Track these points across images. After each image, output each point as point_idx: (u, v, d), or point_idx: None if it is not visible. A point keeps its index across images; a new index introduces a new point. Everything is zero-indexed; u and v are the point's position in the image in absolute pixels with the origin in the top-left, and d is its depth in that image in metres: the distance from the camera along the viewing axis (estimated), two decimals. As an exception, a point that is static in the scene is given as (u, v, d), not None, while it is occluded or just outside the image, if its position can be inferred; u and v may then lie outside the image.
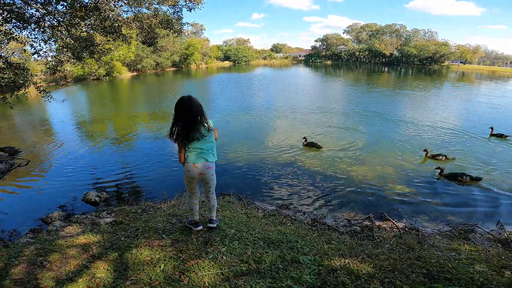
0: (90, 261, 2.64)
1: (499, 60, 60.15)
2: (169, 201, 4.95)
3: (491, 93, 20.85)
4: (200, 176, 2.87)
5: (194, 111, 2.64)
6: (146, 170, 7.17)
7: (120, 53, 33.55)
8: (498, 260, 2.87)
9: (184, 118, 2.63)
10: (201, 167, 2.80)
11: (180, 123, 2.65)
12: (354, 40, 70.06)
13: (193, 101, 2.65)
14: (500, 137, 9.40)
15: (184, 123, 2.65)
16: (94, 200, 5.45)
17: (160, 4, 6.48)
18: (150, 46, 8.21)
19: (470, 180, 6.13)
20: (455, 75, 39.76)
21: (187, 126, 2.65)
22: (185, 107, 2.62)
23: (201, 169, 2.81)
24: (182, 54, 50.22)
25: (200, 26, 63.18)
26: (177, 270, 2.47)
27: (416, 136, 9.67)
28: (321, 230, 4.01)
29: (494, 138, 9.42)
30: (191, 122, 2.65)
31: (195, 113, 2.65)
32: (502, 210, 5.13)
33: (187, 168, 2.81)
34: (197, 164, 2.78)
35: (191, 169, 2.80)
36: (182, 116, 2.63)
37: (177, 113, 2.65)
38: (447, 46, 57.49)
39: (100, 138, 10.26)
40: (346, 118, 12.42)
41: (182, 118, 2.64)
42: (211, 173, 2.90)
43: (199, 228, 3.17)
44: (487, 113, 13.61)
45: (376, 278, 2.37)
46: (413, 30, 63.29)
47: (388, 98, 18.58)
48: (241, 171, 6.93)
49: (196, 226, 3.18)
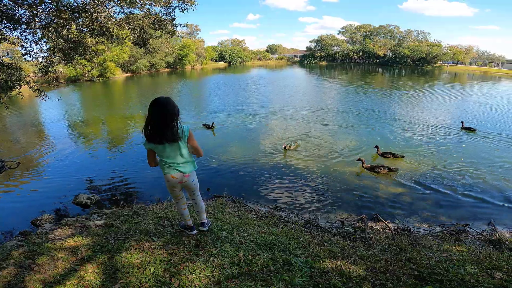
0: (78, 264, 2.61)
1: (491, 61, 61.02)
2: (161, 204, 4.92)
3: (483, 93, 21.15)
4: (180, 184, 2.79)
5: (169, 111, 2.46)
6: (139, 172, 7.11)
7: (114, 54, 33.27)
8: (489, 261, 2.89)
9: (156, 117, 2.46)
10: (179, 177, 2.71)
11: (152, 123, 2.49)
12: (348, 41, 70.47)
13: (169, 102, 2.49)
14: (469, 130, 10.36)
15: (156, 123, 2.47)
16: (85, 203, 5.40)
17: (152, 5, 6.43)
18: (142, 47, 8.12)
19: (388, 170, 6.75)
20: (447, 75, 40.23)
21: (159, 127, 2.48)
22: (159, 106, 2.46)
23: (180, 178, 2.72)
24: (177, 55, 49.98)
25: (195, 27, 63.02)
26: (167, 273, 2.45)
27: (410, 136, 9.76)
28: (314, 232, 4.01)
29: (464, 131, 10.33)
30: (164, 122, 2.47)
31: (169, 114, 2.47)
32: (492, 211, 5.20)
33: (166, 179, 2.74)
34: (174, 175, 2.68)
35: (169, 179, 2.72)
36: (155, 116, 2.46)
37: (150, 112, 2.48)
38: (439, 46, 58.13)
39: (92, 140, 10.16)
40: (340, 120, 12.48)
41: (154, 118, 2.46)
42: (192, 179, 2.80)
43: (194, 232, 3.11)
44: (475, 111, 13.85)
45: (368, 280, 2.38)
46: (406, 31, 63.88)
47: (382, 98, 18.72)
48: (234, 173, 6.91)
49: (191, 230, 3.11)
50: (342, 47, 69.61)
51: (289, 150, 8.26)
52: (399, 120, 12.12)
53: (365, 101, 17.52)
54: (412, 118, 12.37)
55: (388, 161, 7.50)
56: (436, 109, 14.75)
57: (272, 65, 64.68)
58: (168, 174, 2.68)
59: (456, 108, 15.41)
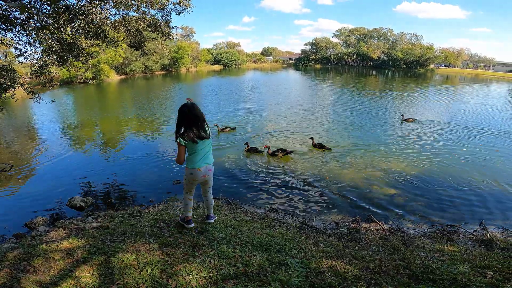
0: (74, 265, 2.61)
1: (482, 64, 62.19)
2: (157, 206, 4.91)
3: (475, 94, 21.55)
4: (202, 178, 3.09)
5: (198, 114, 2.87)
6: (134, 175, 7.08)
7: (108, 56, 33.06)
8: (480, 261, 2.93)
9: (188, 119, 2.84)
10: (204, 170, 3.02)
11: (184, 125, 2.87)
12: (343, 43, 71.16)
13: (195, 106, 2.89)
14: (406, 120, 12.09)
15: (189, 125, 2.85)
16: (80, 205, 5.36)
17: (148, 8, 6.45)
18: (138, 50, 8.08)
19: (283, 154, 7.91)
20: (439, 78, 40.88)
21: (193, 127, 2.86)
22: (187, 110, 2.84)
23: (204, 172, 3.03)
24: (172, 58, 49.87)
25: (190, 29, 63.10)
26: (164, 274, 2.46)
27: (402, 138, 9.90)
28: (309, 233, 4.04)
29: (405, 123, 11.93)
30: (195, 123, 2.86)
31: (198, 116, 2.87)
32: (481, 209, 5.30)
33: (190, 172, 3.01)
34: (201, 168, 3.00)
35: (194, 172, 3.01)
36: (186, 118, 2.85)
37: (180, 116, 2.86)
38: (431, 49, 59.10)
39: (86, 143, 10.08)
40: (334, 122, 12.59)
41: (186, 120, 2.85)
42: (212, 174, 3.14)
43: (192, 226, 3.32)
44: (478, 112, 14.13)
45: (362, 279, 2.41)
46: (399, 34, 64.82)
47: (376, 101, 18.94)
48: (230, 175, 6.92)
49: (188, 224, 3.31)
50: (336, 50, 70.29)
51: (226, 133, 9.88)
52: (403, 126, 12.25)
53: (360, 103, 17.71)
54: (420, 117, 12.55)
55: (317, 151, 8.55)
56: (430, 109, 15.00)
57: (267, 68, 64.91)
58: (195, 167, 2.98)
59: (448, 108, 15.70)
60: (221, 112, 14.72)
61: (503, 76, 46.40)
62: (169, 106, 16.83)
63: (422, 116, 13.46)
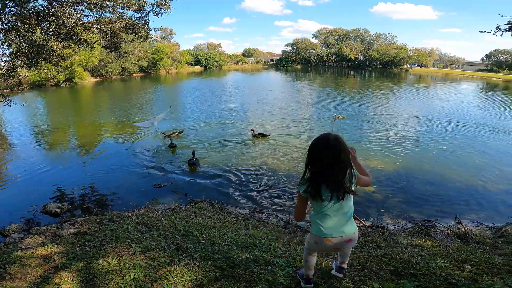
0: (52, 272, 2.53)
1: (452, 63, 65.53)
2: (138, 210, 4.79)
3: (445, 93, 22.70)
4: (334, 249, 2.20)
5: (342, 154, 1.81)
6: (112, 179, 6.87)
7: (82, 58, 31.73)
8: (458, 255, 3.02)
9: (326, 160, 1.81)
10: (337, 242, 1.96)
11: (315, 167, 1.86)
12: (322, 44, 72.53)
13: (341, 142, 1.84)
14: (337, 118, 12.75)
15: (322, 169, 1.83)
16: (55, 212, 5.20)
17: (125, 9, 6.26)
18: (113, 51, 7.77)
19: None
20: (412, 77, 42.68)
21: (327, 173, 1.82)
22: (329, 146, 1.81)
23: (338, 243, 1.98)
24: (151, 59, 48.73)
25: (170, 30, 61.91)
26: (148, 278, 2.42)
27: (382, 136, 10.24)
28: (294, 232, 4.09)
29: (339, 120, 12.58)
30: (334, 169, 1.81)
31: (343, 158, 1.82)
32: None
33: (314, 240, 2.01)
34: (333, 239, 1.95)
35: (320, 242, 1.99)
36: (322, 158, 1.82)
37: (315, 153, 1.86)
38: (405, 49, 61.52)
39: (61, 147, 9.68)
40: (314, 121, 12.83)
41: (322, 161, 1.82)
42: (353, 244, 2.09)
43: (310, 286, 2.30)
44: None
45: (347, 276, 2.43)
46: (375, 35, 66.94)
47: (354, 100, 19.49)
48: (212, 177, 6.86)
49: (308, 283, 2.28)
50: (316, 51, 71.51)
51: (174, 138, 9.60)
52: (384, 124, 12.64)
53: (341, 104, 18.14)
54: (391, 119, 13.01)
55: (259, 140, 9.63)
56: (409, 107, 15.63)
57: (248, 69, 64.97)
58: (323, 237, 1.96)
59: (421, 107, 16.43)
60: (201, 114, 14.57)
61: (472, 75, 49.08)
62: (148, 109, 16.43)
63: (399, 112, 14.02)
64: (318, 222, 1.95)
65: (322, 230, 1.94)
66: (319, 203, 1.90)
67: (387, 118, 13.22)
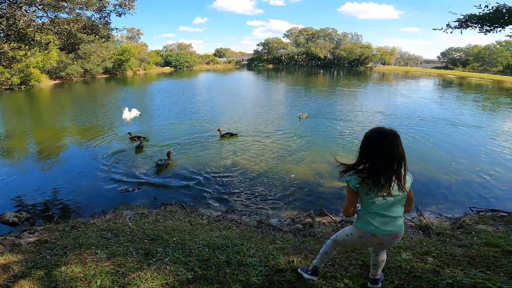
0: (12, 281, 2.39)
1: (411, 61, 69.84)
2: (103, 216, 4.61)
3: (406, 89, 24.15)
4: (378, 245, 2.05)
5: (400, 147, 1.76)
6: (76, 186, 6.52)
7: (38, 60, 29.52)
8: (420, 247, 3.17)
9: (385, 152, 1.73)
10: (383, 239, 1.89)
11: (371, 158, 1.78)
12: (293, 43, 73.81)
13: (398, 135, 1.78)
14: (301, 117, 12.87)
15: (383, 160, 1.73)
16: (12, 221, 4.91)
17: (84, 9, 5.95)
18: (71, 53, 7.25)
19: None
20: (377, 75, 44.95)
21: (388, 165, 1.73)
22: (386, 137, 1.76)
23: (383, 240, 1.90)
24: (116, 60, 46.56)
25: (137, 30, 59.51)
26: (116, 284, 2.34)
27: (350, 132, 10.67)
28: (266, 231, 4.13)
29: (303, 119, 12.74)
30: (394, 161, 1.74)
31: (401, 152, 1.76)
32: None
33: (360, 234, 1.94)
34: (379, 235, 1.87)
35: (365, 237, 1.92)
36: (379, 149, 1.73)
37: (369, 144, 1.79)
38: (369, 48, 64.57)
39: (18, 154, 9.01)
40: (284, 120, 13.06)
41: (379, 152, 1.73)
42: (397, 241, 1.99)
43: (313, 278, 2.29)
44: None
45: (319, 273, 2.51)
46: (342, 34, 69.48)
47: (324, 98, 20.12)
48: (184, 179, 6.76)
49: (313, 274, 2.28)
50: (287, 50, 72.65)
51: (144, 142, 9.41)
52: (351, 121, 13.13)
53: (311, 102, 18.61)
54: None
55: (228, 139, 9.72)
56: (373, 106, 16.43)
57: (220, 69, 64.42)
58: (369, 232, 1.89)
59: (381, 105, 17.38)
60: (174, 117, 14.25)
61: (429, 72, 52.69)
62: (113, 112, 15.67)
63: (364, 109, 14.72)
64: (366, 217, 1.88)
65: (371, 226, 1.86)
66: (371, 197, 1.82)
67: (354, 115, 13.83)
